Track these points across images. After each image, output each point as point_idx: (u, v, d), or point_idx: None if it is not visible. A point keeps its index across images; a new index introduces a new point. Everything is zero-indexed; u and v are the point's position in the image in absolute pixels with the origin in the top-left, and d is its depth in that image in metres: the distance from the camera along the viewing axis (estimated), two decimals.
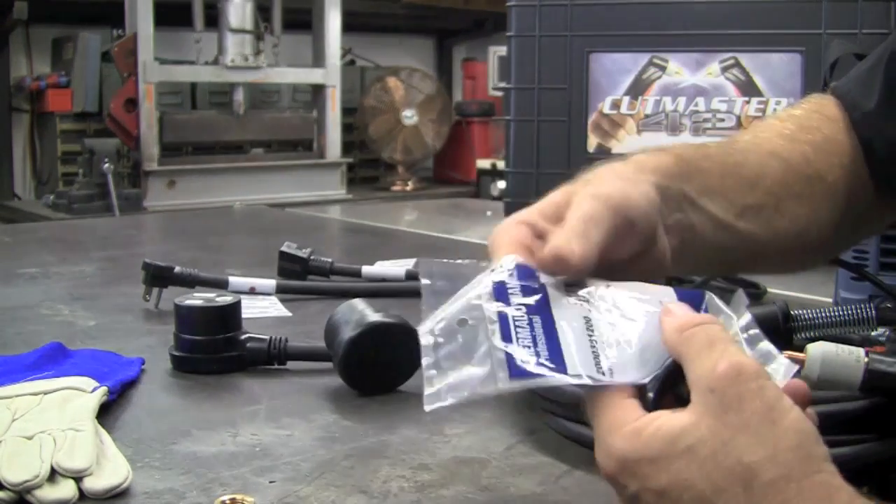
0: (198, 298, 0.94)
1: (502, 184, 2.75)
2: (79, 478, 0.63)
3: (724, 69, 1.57)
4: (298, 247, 1.34)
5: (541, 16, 1.66)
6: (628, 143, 1.62)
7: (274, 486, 0.66)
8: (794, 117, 0.78)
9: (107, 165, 3.96)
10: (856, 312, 0.80)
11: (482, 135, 5.74)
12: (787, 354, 0.54)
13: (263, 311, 1.18)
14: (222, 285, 1.22)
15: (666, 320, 0.53)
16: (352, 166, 5.25)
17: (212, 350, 0.92)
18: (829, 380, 0.64)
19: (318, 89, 4.95)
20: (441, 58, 6.54)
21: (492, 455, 0.72)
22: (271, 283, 1.25)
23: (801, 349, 0.65)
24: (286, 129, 4.96)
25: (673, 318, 0.52)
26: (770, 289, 1.22)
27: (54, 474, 0.63)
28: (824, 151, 0.75)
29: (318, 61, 4.92)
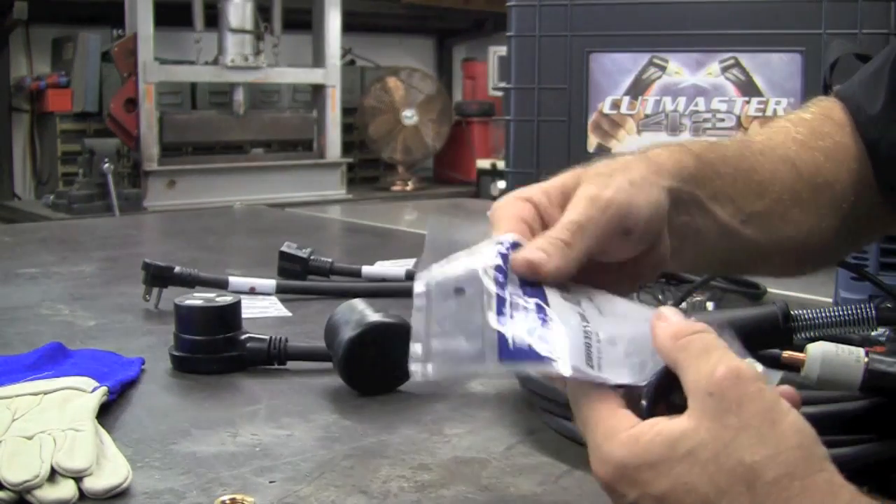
0: (198, 298, 0.95)
1: (502, 184, 2.75)
2: (79, 478, 0.63)
3: (724, 69, 1.57)
4: (298, 247, 1.34)
5: (541, 16, 1.65)
6: (628, 143, 1.62)
7: (274, 486, 0.66)
8: (806, 122, 0.78)
9: (107, 165, 3.96)
10: (856, 312, 0.80)
11: (482, 135, 5.74)
12: (787, 355, 0.54)
13: (263, 311, 1.18)
14: (222, 285, 1.22)
15: (660, 325, 0.52)
16: (352, 166, 5.25)
17: (212, 350, 0.92)
18: (829, 380, 0.64)
19: (318, 89, 4.94)
20: (441, 58, 6.54)
21: (492, 455, 0.72)
22: (271, 283, 1.25)
23: (801, 349, 0.65)
24: (286, 129, 4.96)
25: (668, 325, 0.52)
26: (770, 289, 1.22)
27: (54, 474, 0.63)
28: (835, 160, 0.75)
29: (318, 61, 4.91)
